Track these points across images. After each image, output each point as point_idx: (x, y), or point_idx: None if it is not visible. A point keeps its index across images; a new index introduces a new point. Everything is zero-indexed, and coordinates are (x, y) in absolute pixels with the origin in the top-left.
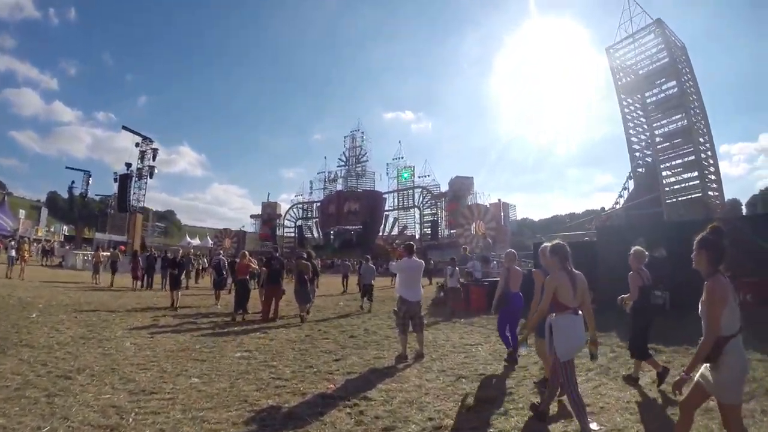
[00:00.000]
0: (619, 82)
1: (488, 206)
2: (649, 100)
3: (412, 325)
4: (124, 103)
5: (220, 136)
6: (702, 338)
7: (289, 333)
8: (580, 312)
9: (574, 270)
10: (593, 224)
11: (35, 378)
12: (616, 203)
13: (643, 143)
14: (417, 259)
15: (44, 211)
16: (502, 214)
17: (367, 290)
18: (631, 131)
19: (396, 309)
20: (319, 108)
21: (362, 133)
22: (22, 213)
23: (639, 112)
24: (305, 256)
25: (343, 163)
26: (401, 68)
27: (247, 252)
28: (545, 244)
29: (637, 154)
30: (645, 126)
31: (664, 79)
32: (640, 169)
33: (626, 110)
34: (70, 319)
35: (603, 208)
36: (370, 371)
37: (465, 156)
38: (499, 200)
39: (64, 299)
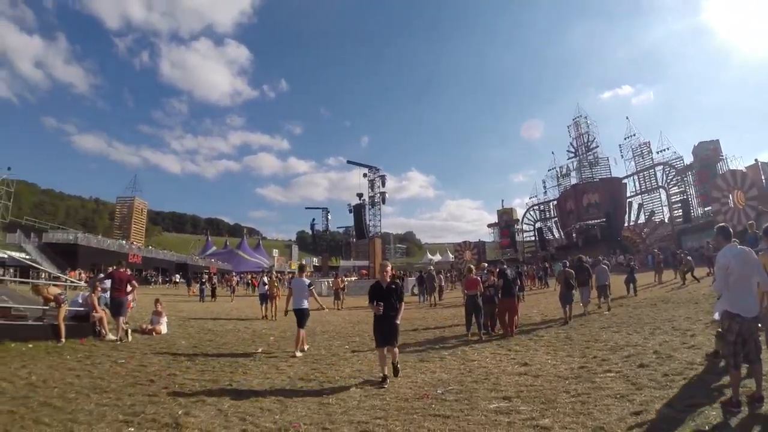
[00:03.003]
0: None
1: (745, 171)
2: None
3: (745, 354)
4: (349, 146)
5: (444, 156)
6: None
7: (556, 362)
8: None
9: None
10: None
11: None
12: None
13: None
14: (743, 247)
15: (295, 248)
16: (763, 178)
17: (602, 291)
18: None
19: (722, 330)
20: (530, 106)
21: (585, 117)
22: (275, 252)
23: None
24: (568, 264)
25: (572, 155)
26: (605, 43)
27: (473, 266)
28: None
29: None
30: None
31: None
32: None
33: None
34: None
35: None
36: None
37: (703, 118)
38: (756, 161)
39: None
